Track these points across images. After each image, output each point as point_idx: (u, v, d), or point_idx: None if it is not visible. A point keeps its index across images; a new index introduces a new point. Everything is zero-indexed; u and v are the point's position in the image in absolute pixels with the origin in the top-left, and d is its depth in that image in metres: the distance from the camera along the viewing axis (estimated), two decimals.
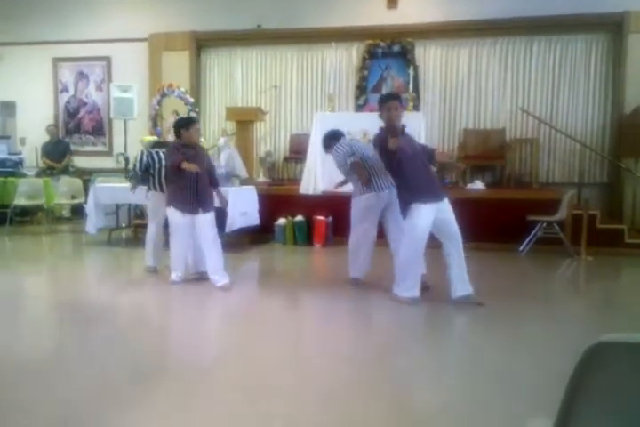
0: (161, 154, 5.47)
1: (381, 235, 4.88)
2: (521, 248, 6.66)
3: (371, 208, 4.75)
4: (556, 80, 8.64)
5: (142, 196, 5.67)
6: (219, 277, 4.75)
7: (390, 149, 4.05)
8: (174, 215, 4.79)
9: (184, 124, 4.81)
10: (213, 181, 5.02)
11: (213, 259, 4.77)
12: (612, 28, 8.32)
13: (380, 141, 4.21)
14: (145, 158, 5.49)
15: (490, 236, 6.61)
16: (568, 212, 6.57)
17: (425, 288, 4.47)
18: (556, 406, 1.10)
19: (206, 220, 4.77)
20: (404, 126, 4.22)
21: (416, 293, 4.30)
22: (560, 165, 8.66)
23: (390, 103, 4.26)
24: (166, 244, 5.17)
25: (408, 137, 4.34)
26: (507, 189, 7.84)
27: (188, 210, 4.73)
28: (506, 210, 6.86)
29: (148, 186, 5.52)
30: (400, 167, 4.20)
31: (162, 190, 5.28)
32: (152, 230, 5.47)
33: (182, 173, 4.63)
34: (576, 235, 6.53)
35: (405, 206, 4.24)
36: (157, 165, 5.43)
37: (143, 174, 5.51)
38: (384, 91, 9.03)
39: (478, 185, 7.64)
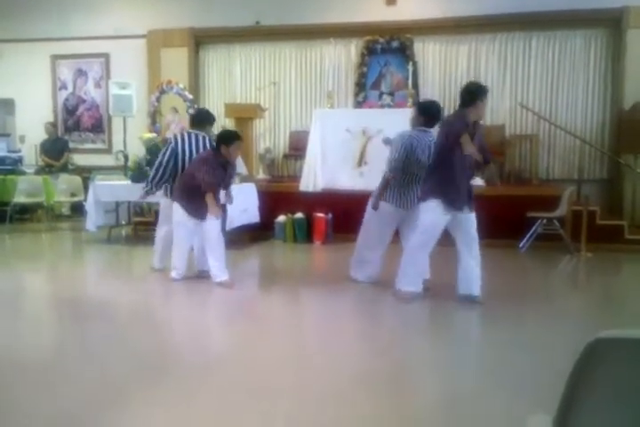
0: (192, 146, 4.95)
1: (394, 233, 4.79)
2: (521, 245, 6.66)
3: (384, 216, 4.56)
4: (555, 76, 8.62)
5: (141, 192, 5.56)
6: (219, 274, 4.74)
7: (457, 143, 3.86)
8: (180, 215, 4.73)
9: (226, 139, 4.56)
10: (227, 185, 4.93)
11: (216, 256, 4.74)
12: (611, 23, 8.30)
13: (457, 129, 3.90)
14: (170, 154, 4.93)
15: (489, 232, 6.52)
16: (568, 208, 6.56)
17: (425, 289, 4.44)
18: (555, 403, 1.11)
19: (213, 222, 4.73)
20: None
21: (417, 288, 4.29)
22: (560, 162, 8.64)
23: (486, 98, 4.03)
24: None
25: (481, 137, 4.14)
26: (506, 186, 7.82)
27: (197, 216, 4.68)
28: (505, 206, 6.84)
29: (163, 190, 5.15)
30: (446, 165, 4.03)
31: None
32: (162, 233, 5.27)
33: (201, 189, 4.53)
34: (576, 231, 6.53)
35: (426, 195, 4.12)
36: (187, 165, 4.85)
37: (167, 176, 5.01)
38: (383, 87, 9.03)
39: (477, 181, 7.60)
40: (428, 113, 4.45)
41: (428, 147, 4.36)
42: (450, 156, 4.00)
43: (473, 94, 4.00)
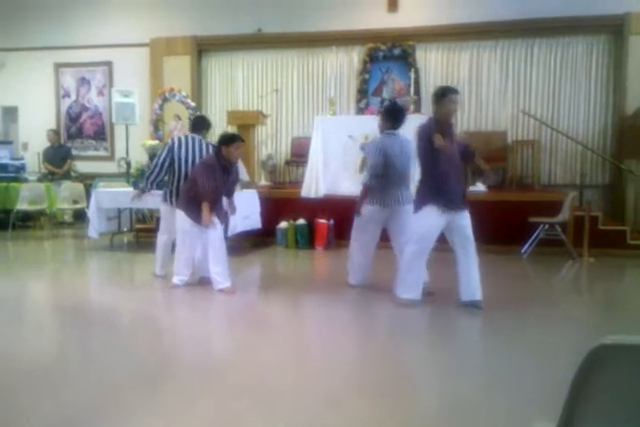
0: (189, 148, 5.07)
1: (386, 238, 4.85)
2: (523, 250, 6.65)
3: (372, 219, 4.69)
4: (557, 82, 8.65)
5: (144, 199, 5.59)
6: (221, 280, 4.75)
7: (434, 144, 3.92)
8: (185, 222, 4.74)
9: (225, 141, 4.62)
10: (230, 192, 4.97)
11: (219, 262, 4.74)
12: (613, 29, 8.33)
13: (426, 131, 4.03)
14: (167, 154, 5.05)
15: (492, 238, 6.58)
16: (570, 213, 6.56)
17: (429, 294, 4.46)
18: (559, 409, 1.10)
19: (217, 227, 4.74)
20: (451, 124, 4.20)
21: (417, 295, 4.29)
22: (562, 167, 8.65)
23: (453, 96, 4.11)
24: (174, 249, 5.14)
25: (453, 137, 4.24)
26: (508, 192, 7.83)
27: (201, 222, 4.70)
28: (507, 212, 6.85)
29: (163, 195, 5.22)
30: (433, 168, 4.09)
31: (174, 203, 5.03)
32: (163, 241, 5.33)
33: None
34: (578, 237, 6.52)
35: (421, 204, 4.17)
36: (183, 168, 5.03)
37: (162, 175, 5.13)
38: (385, 94, 9.07)
39: (480, 187, 7.64)
40: (391, 116, 4.63)
41: (400, 149, 4.52)
42: (433, 159, 4.05)
43: (435, 96, 4.17)
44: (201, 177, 4.58)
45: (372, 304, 4.50)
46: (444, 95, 4.10)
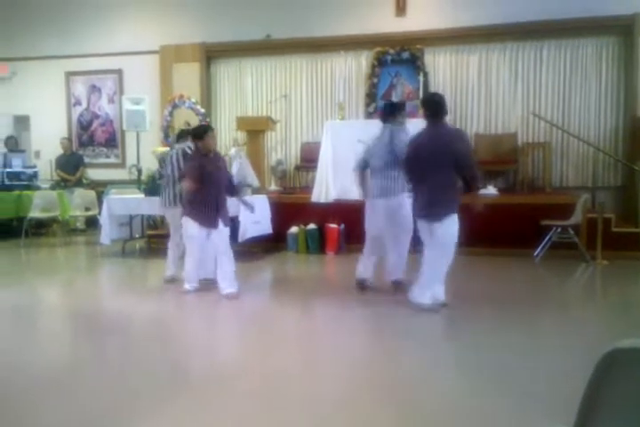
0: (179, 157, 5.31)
1: None
2: (535, 253, 6.60)
3: (370, 213, 4.86)
4: (566, 84, 8.60)
5: (155, 206, 5.66)
6: (226, 285, 4.77)
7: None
8: (191, 227, 4.78)
9: (198, 134, 4.84)
10: (232, 190, 5.04)
11: (225, 267, 4.78)
12: (623, 30, 8.28)
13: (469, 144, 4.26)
14: (174, 161, 5.29)
15: (504, 241, 6.56)
16: (583, 216, 6.50)
17: (443, 305, 4.42)
18: (573, 414, 1.09)
19: (222, 231, 4.79)
20: None
21: (430, 298, 4.27)
22: (573, 169, 8.59)
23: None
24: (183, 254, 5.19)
25: None
26: (520, 194, 7.79)
27: (208, 224, 4.74)
28: (519, 215, 6.81)
29: (162, 201, 5.42)
30: (455, 180, 4.16)
31: (178, 204, 5.21)
32: (174, 244, 5.47)
33: (203, 185, 4.64)
34: (591, 239, 6.46)
35: (449, 212, 4.13)
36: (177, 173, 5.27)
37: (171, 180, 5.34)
38: (394, 98, 9.05)
39: (491, 190, 7.59)
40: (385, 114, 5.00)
41: (380, 136, 4.80)
42: (454, 171, 4.10)
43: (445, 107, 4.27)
44: (186, 166, 4.87)
45: (383, 308, 4.48)
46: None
